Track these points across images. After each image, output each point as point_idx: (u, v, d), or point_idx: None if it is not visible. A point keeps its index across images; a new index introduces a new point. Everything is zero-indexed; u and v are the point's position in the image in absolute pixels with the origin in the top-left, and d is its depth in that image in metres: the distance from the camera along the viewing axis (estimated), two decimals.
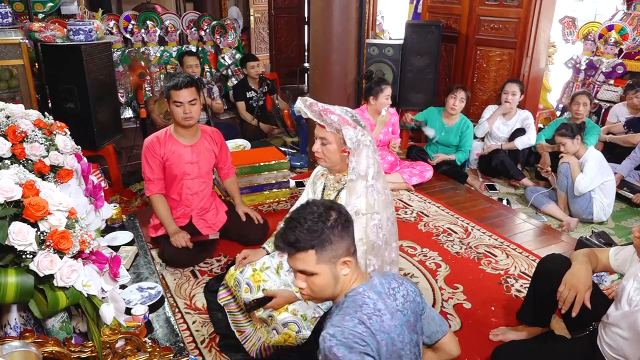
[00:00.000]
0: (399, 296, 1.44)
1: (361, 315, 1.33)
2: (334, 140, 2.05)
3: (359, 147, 1.98)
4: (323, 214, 1.37)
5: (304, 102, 2.04)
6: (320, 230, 1.35)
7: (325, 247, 1.36)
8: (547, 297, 2.03)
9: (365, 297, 1.38)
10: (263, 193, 3.64)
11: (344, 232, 1.38)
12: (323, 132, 2.06)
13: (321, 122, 2.03)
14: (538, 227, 3.45)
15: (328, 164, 2.14)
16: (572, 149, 3.57)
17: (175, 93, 2.62)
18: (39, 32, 3.27)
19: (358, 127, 2.01)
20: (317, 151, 2.10)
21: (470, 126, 4.24)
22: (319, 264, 1.37)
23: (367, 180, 1.98)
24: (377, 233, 2.01)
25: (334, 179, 2.20)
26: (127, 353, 1.50)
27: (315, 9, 3.87)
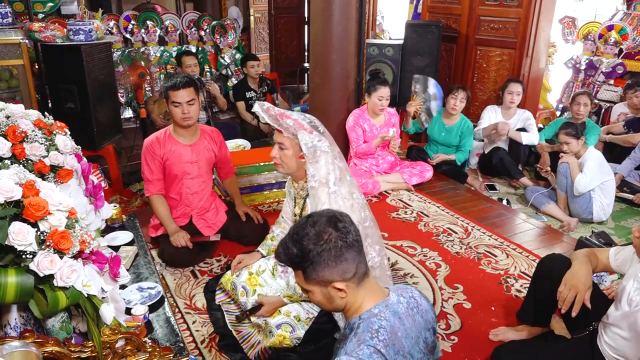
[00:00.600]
0: (418, 317, 1.36)
1: (377, 342, 1.23)
2: (291, 145, 2.05)
3: (316, 152, 1.97)
4: (314, 237, 1.28)
5: (261, 107, 2.04)
6: (306, 255, 1.27)
7: (310, 271, 1.29)
8: (547, 297, 2.03)
9: (382, 319, 1.28)
10: (263, 193, 3.64)
11: (335, 258, 1.27)
12: (280, 137, 2.06)
13: (278, 126, 2.02)
14: (538, 227, 3.45)
15: (286, 169, 2.13)
16: (575, 149, 3.55)
17: (174, 93, 2.63)
18: (39, 32, 3.27)
19: (314, 133, 2.00)
20: (275, 157, 2.10)
21: (471, 126, 4.24)
22: (308, 284, 1.32)
23: (329, 187, 1.97)
24: None
25: (298, 187, 2.20)
26: (127, 353, 1.50)
27: (315, 9, 3.86)
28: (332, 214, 1.35)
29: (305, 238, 1.28)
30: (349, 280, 1.30)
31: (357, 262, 1.31)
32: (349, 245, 1.29)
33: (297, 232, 1.31)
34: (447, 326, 2.38)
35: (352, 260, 1.30)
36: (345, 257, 1.28)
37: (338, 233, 1.29)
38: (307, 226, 1.30)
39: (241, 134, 4.94)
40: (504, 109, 4.32)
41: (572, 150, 3.57)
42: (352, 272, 1.30)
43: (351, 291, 1.31)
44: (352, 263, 1.29)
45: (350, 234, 1.31)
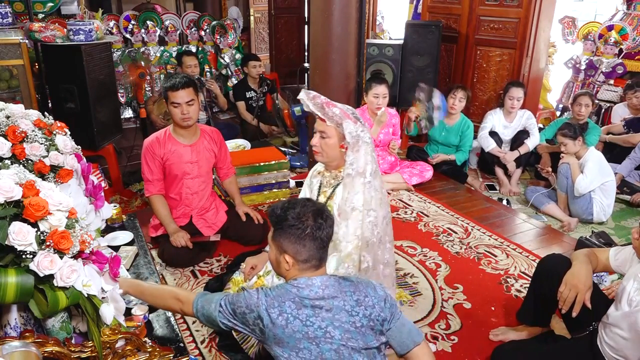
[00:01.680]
0: (350, 299, 1.50)
1: (276, 299, 1.46)
2: (334, 134, 2.06)
3: (358, 142, 1.99)
4: (297, 213, 1.51)
5: (307, 95, 2.05)
6: (282, 220, 1.51)
7: (277, 233, 1.53)
8: (547, 297, 2.03)
9: (295, 287, 1.48)
10: (263, 193, 3.64)
11: (298, 239, 1.49)
12: (323, 126, 2.07)
13: (322, 115, 2.04)
14: (538, 227, 3.45)
15: (325, 158, 2.14)
16: (573, 150, 3.56)
17: (173, 94, 2.63)
18: (39, 32, 3.27)
19: (358, 123, 2.02)
20: (316, 145, 2.11)
21: (471, 126, 4.23)
22: (272, 241, 1.56)
23: (365, 177, 2.00)
24: (372, 230, 2.01)
25: (330, 176, 2.20)
26: (127, 353, 1.50)
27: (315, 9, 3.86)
28: (323, 209, 1.55)
29: (290, 210, 1.52)
30: (297, 262, 1.51)
31: (312, 253, 1.51)
32: (314, 237, 1.50)
33: (290, 203, 1.56)
34: (447, 326, 2.37)
35: (309, 249, 1.50)
36: (304, 243, 1.50)
37: (313, 223, 1.50)
38: (299, 204, 1.54)
39: (241, 134, 4.94)
40: (505, 112, 4.32)
41: (569, 151, 3.56)
42: (303, 257, 1.51)
43: (294, 269, 1.53)
44: (307, 251, 1.50)
45: (322, 231, 1.51)
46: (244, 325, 1.50)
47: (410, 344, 1.56)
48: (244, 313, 1.48)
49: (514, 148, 4.27)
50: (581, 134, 3.55)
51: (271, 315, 1.44)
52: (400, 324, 1.55)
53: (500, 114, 4.34)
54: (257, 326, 1.46)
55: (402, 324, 1.56)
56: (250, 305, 1.47)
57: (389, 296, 1.56)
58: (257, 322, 1.46)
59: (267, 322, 1.44)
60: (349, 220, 2.00)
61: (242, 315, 1.48)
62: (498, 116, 4.34)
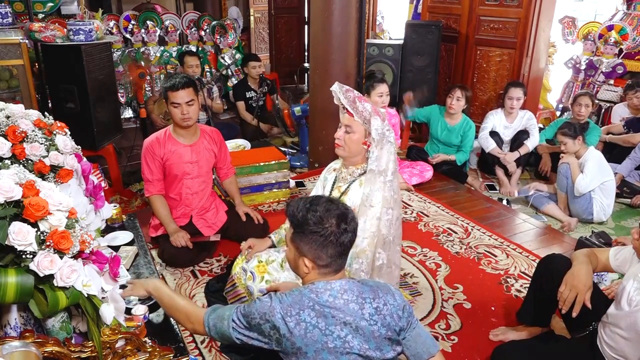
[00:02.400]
0: (369, 307, 1.44)
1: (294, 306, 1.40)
2: (359, 130, 2.07)
3: (382, 140, 2.01)
4: (319, 217, 1.44)
5: (340, 87, 2.06)
6: (303, 225, 1.44)
7: (297, 236, 1.47)
8: (547, 297, 2.03)
9: (314, 293, 1.42)
10: (263, 193, 3.64)
11: (319, 244, 1.43)
12: (350, 120, 2.07)
13: (352, 109, 2.04)
14: (538, 227, 3.45)
15: (346, 152, 2.14)
16: (572, 149, 3.56)
17: (173, 94, 2.63)
18: (39, 32, 3.27)
19: (385, 122, 2.04)
20: (339, 138, 2.11)
21: (473, 127, 4.23)
22: (291, 242, 1.51)
23: (387, 176, 2.02)
24: (389, 228, 2.04)
25: (347, 172, 2.21)
26: (127, 353, 1.50)
27: (315, 9, 3.87)
28: (347, 212, 1.49)
29: (311, 213, 1.44)
30: (317, 266, 1.47)
31: (333, 259, 1.46)
32: (337, 244, 1.44)
33: (312, 204, 1.47)
34: (447, 326, 2.38)
35: (331, 255, 1.45)
36: (327, 249, 1.44)
37: (336, 230, 1.44)
38: (322, 206, 1.46)
39: (241, 134, 4.94)
40: (506, 113, 4.31)
41: (569, 150, 3.57)
42: (323, 262, 1.46)
43: (313, 273, 1.49)
44: (329, 257, 1.45)
45: (345, 236, 1.46)
46: (260, 337, 1.42)
47: (424, 355, 1.51)
48: (259, 324, 1.40)
49: (513, 148, 4.27)
50: (581, 134, 3.55)
51: (288, 324, 1.38)
52: (416, 333, 1.50)
53: (501, 114, 4.34)
54: (274, 337, 1.40)
55: (418, 333, 1.51)
56: (265, 314, 1.39)
57: (407, 304, 1.51)
58: (274, 332, 1.39)
59: (285, 331, 1.37)
60: (367, 216, 2.02)
61: (257, 327, 1.41)
62: (499, 116, 4.34)
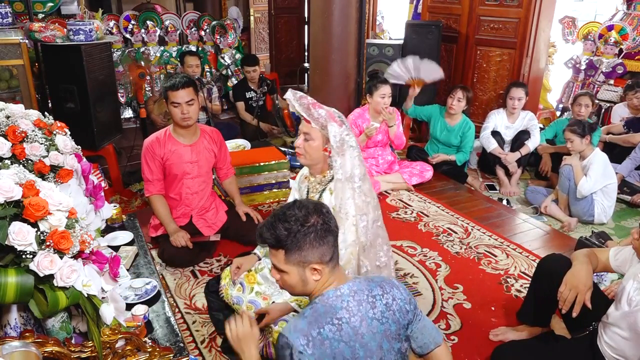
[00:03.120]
0: (380, 304, 1.42)
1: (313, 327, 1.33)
2: (318, 137, 2.03)
3: (343, 146, 1.96)
4: (302, 218, 1.38)
5: (294, 95, 2.02)
6: (292, 234, 1.37)
7: (293, 250, 1.38)
8: (548, 297, 2.03)
9: (327, 305, 1.37)
10: (263, 193, 3.64)
11: (318, 239, 1.38)
12: (308, 128, 2.03)
13: (308, 116, 2.01)
14: (538, 227, 3.45)
15: (308, 161, 2.10)
16: (579, 148, 3.50)
17: (173, 94, 2.63)
18: (39, 32, 3.27)
19: (343, 126, 1.99)
20: (299, 147, 2.07)
21: (472, 127, 4.23)
22: (287, 264, 1.41)
23: (354, 182, 1.97)
24: (366, 234, 2.00)
25: (315, 181, 2.18)
26: (127, 353, 1.50)
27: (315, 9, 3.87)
28: (316, 202, 1.46)
29: (292, 219, 1.39)
30: (326, 264, 1.41)
31: (334, 248, 1.43)
32: (331, 230, 1.41)
33: (284, 213, 1.41)
34: (447, 326, 2.38)
35: (332, 244, 1.41)
36: (327, 239, 1.40)
37: (323, 217, 1.41)
38: (295, 209, 1.41)
39: (241, 134, 4.94)
40: (508, 113, 4.31)
41: (575, 148, 3.51)
42: (329, 256, 1.41)
43: (325, 274, 1.42)
44: (330, 247, 1.41)
45: (332, 220, 1.43)
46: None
47: (431, 345, 1.51)
48: (284, 356, 1.33)
49: (514, 148, 4.26)
50: (589, 133, 3.50)
51: (313, 346, 1.31)
52: (422, 325, 1.50)
53: (503, 114, 4.33)
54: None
55: (424, 325, 1.51)
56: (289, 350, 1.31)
57: (412, 296, 1.50)
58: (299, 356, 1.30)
59: (309, 354, 1.30)
60: (344, 227, 1.97)
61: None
62: (501, 116, 4.34)
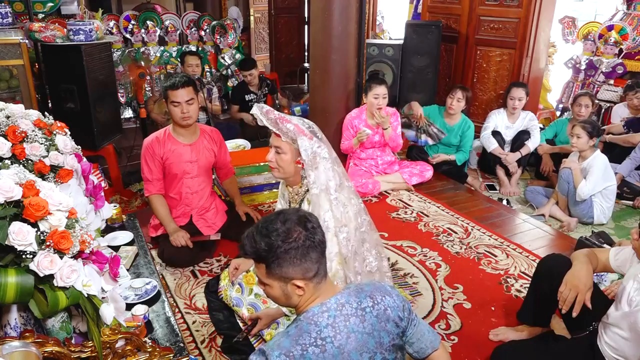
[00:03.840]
0: (370, 317, 1.35)
1: (295, 346, 1.26)
2: (289, 150, 2.02)
3: (315, 159, 1.95)
4: (283, 233, 1.30)
5: (261, 110, 2.00)
6: (273, 250, 1.30)
7: (274, 266, 1.31)
8: (548, 297, 2.03)
9: (312, 323, 1.30)
10: (263, 193, 3.64)
11: (300, 257, 1.30)
12: (278, 141, 2.02)
13: (277, 130, 1.99)
14: (538, 227, 3.45)
15: (281, 174, 2.10)
16: (584, 146, 3.47)
17: (173, 93, 2.63)
18: (39, 32, 3.27)
19: (314, 139, 1.98)
20: (271, 160, 2.07)
21: (472, 127, 4.23)
22: (269, 278, 1.35)
23: (330, 194, 1.96)
24: (347, 245, 1.98)
25: (293, 192, 2.17)
26: (127, 353, 1.50)
27: (315, 9, 3.87)
28: (302, 213, 1.38)
29: (274, 233, 1.30)
30: (309, 280, 1.34)
31: (319, 264, 1.35)
32: (315, 245, 1.33)
33: (266, 227, 1.32)
34: (447, 326, 2.37)
35: (316, 260, 1.34)
36: (310, 256, 1.32)
37: (307, 232, 1.33)
38: (278, 222, 1.32)
39: (241, 134, 4.93)
40: (508, 113, 4.31)
41: (580, 146, 3.47)
42: (313, 272, 1.33)
43: (308, 290, 1.35)
44: (315, 263, 1.33)
45: (317, 235, 1.35)
46: None
47: (429, 349, 1.48)
48: None
49: (514, 148, 4.26)
50: (597, 136, 3.50)
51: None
52: (418, 330, 1.45)
53: (503, 114, 4.33)
54: None
55: (420, 330, 1.46)
56: None
57: (406, 302, 1.44)
58: None
59: None
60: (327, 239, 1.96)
61: None
62: (501, 116, 4.34)
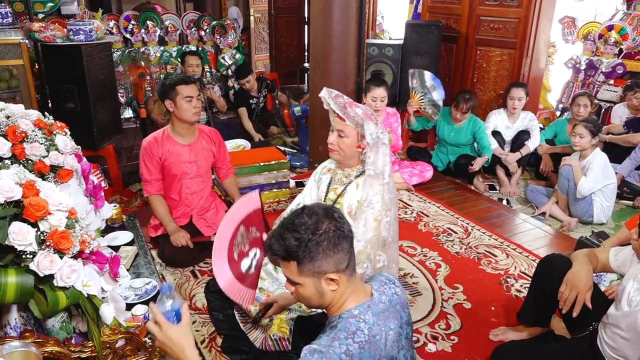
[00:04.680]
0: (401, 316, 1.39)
1: (352, 343, 1.22)
2: (352, 134, 2.08)
3: (377, 144, 2.02)
4: (312, 226, 1.27)
5: (329, 93, 2.06)
6: (304, 244, 1.26)
7: (306, 261, 1.27)
8: (548, 297, 2.03)
9: (361, 321, 1.28)
10: (263, 193, 3.64)
11: (332, 247, 1.27)
12: (342, 125, 2.08)
13: (343, 114, 2.05)
14: (538, 227, 3.45)
15: (341, 156, 2.15)
16: (586, 145, 3.46)
17: (186, 88, 2.66)
18: (39, 32, 3.27)
19: (378, 125, 2.05)
20: (333, 143, 2.12)
21: (479, 122, 4.19)
22: (301, 276, 1.29)
23: (384, 178, 2.04)
24: (389, 230, 2.06)
25: (343, 174, 2.21)
26: (127, 353, 1.50)
27: (315, 9, 3.87)
28: (327, 206, 1.36)
29: (302, 227, 1.27)
30: (342, 272, 1.30)
31: (349, 254, 1.32)
32: (345, 235, 1.30)
33: (293, 222, 1.29)
34: (447, 326, 2.37)
35: (347, 250, 1.30)
36: (342, 246, 1.29)
37: (336, 223, 1.30)
38: (304, 216, 1.29)
39: (241, 134, 4.93)
40: (508, 113, 4.31)
41: (581, 145, 3.46)
42: (345, 263, 1.30)
43: (342, 283, 1.31)
44: (346, 254, 1.30)
45: (345, 225, 1.32)
46: None
47: None
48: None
49: (514, 148, 4.26)
50: (597, 135, 3.50)
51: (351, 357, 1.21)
52: None
53: (504, 115, 4.33)
54: None
55: None
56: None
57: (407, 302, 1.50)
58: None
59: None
60: (366, 220, 2.03)
61: None
62: (502, 117, 4.33)
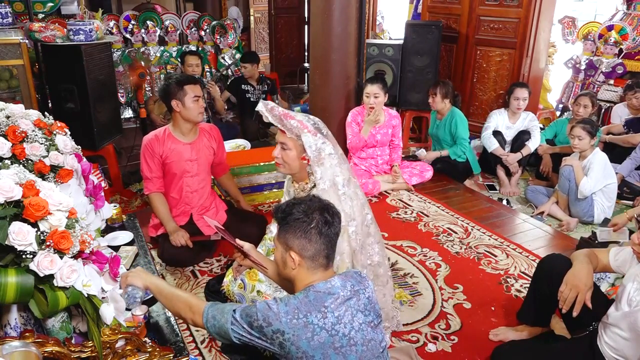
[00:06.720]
0: (363, 297, 1.48)
1: (300, 308, 1.38)
2: (294, 146, 2.02)
3: (320, 155, 1.97)
4: (304, 209, 1.47)
5: (266, 106, 2.02)
6: (288, 215, 1.47)
7: (282, 230, 1.49)
8: (548, 297, 2.03)
9: (320, 293, 1.42)
10: (263, 193, 3.64)
11: (303, 233, 1.45)
12: (283, 137, 2.03)
13: (282, 126, 2.01)
14: (538, 227, 3.45)
15: (287, 170, 2.11)
16: (585, 147, 3.44)
17: (193, 87, 2.66)
18: (39, 32, 3.27)
19: (318, 135, 1.99)
20: (277, 157, 2.08)
21: (458, 118, 4.16)
22: (278, 239, 1.51)
23: (339, 189, 1.98)
24: (355, 239, 2.01)
25: (299, 188, 2.17)
26: (127, 353, 1.50)
27: (315, 9, 3.87)
28: (329, 205, 1.52)
29: (297, 206, 1.49)
30: (303, 258, 1.46)
31: (319, 250, 1.46)
32: (321, 233, 1.46)
33: (296, 199, 1.54)
34: (447, 326, 2.38)
35: (316, 245, 1.46)
36: (311, 237, 1.45)
37: (319, 217, 1.46)
38: (307, 200, 1.51)
39: (241, 134, 4.94)
40: (510, 113, 4.30)
41: (581, 146, 3.44)
42: (309, 253, 1.46)
43: (301, 269, 1.48)
44: (314, 245, 1.45)
45: (330, 228, 1.48)
46: (262, 338, 1.39)
47: None
48: (261, 326, 1.37)
49: (514, 148, 4.25)
50: (596, 135, 3.50)
51: (295, 327, 1.35)
52: None
53: (504, 115, 4.32)
54: (277, 340, 1.36)
55: None
56: (268, 317, 1.36)
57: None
58: (277, 335, 1.36)
59: (290, 335, 1.34)
60: None
61: (259, 329, 1.38)
62: (502, 116, 4.32)
